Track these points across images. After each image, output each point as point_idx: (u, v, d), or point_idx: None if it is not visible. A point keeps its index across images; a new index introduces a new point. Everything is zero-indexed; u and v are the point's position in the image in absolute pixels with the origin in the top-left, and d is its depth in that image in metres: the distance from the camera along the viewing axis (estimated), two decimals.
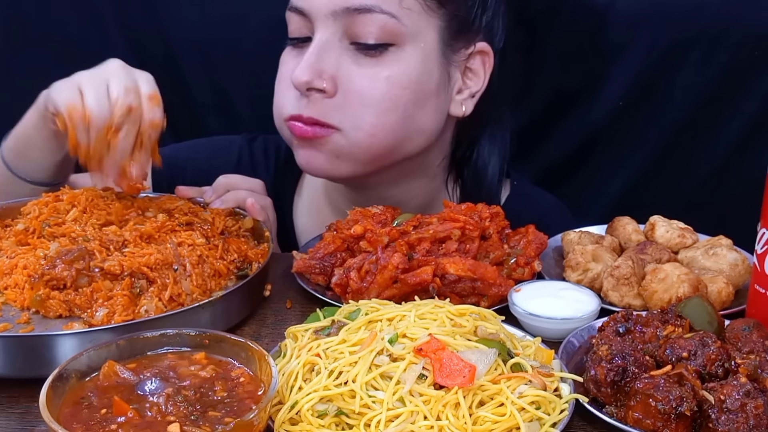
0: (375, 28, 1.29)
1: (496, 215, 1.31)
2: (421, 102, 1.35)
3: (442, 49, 1.36)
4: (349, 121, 1.33)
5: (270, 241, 1.30)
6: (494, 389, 0.93)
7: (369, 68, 1.32)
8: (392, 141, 1.35)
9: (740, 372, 0.95)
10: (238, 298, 1.18)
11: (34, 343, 1.03)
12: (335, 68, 1.32)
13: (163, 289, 1.13)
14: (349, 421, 0.91)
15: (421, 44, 1.33)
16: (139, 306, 1.10)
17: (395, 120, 1.34)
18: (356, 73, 1.32)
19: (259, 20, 1.82)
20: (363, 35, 1.30)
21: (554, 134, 1.82)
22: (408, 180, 1.48)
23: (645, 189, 1.81)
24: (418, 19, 1.32)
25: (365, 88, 1.31)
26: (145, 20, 1.89)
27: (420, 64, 1.33)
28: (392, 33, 1.30)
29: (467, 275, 1.18)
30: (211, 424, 0.83)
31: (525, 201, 1.58)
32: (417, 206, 1.48)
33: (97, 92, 1.19)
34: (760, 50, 1.65)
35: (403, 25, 1.30)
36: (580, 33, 1.73)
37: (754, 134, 1.72)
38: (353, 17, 1.29)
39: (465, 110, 1.42)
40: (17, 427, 0.98)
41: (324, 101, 1.32)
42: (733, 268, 1.25)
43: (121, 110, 1.19)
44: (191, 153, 1.63)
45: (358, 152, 1.35)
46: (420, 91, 1.34)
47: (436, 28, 1.34)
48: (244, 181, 1.42)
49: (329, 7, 1.30)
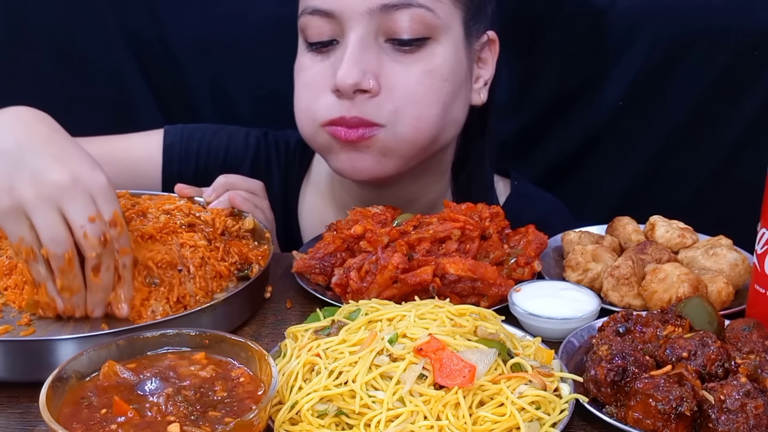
0: (412, 22, 1.30)
1: (496, 215, 1.31)
2: (456, 93, 1.37)
3: (466, 39, 1.38)
4: (394, 116, 1.32)
5: (271, 242, 1.30)
6: (494, 389, 0.93)
7: (409, 64, 1.32)
8: (434, 133, 1.36)
9: (740, 372, 0.95)
10: (240, 300, 1.18)
11: (36, 348, 1.02)
12: (377, 66, 1.31)
13: (171, 290, 1.13)
14: (349, 421, 0.91)
15: (452, 35, 1.35)
16: (147, 307, 1.10)
17: (437, 112, 1.35)
18: (397, 70, 1.32)
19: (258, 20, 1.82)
20: (399, 31, 1.30)
21: (554, 134, 1.83)
22: (425, 176, 1.48)
23: (645, 189, 1.81)
24: (449, 11, 1.34)
25: (410, 83, 1.32)
26: (145, 21, 1.89)
27: (453, 55, 1.35)
28: (428, 26, 1.31)
29: (467, 275, 1.18)
30: (211, 424, 0.83)
31: (525, 201, 1.58)
32: (427, 204, 1.49)
33: (49, 223, 1.01)
34: (760, 50, 1.65)
35: (438, 17, 1.32)
36: (580, 33, 1.73)
37: (754, 134, 1.72)
38: (389, 13, 1.29)
39: (482, 98, 1.44)
40: (17, 427, 0.98)
41: (369, 101, 1.31)
42: (733, 268, 1.25)
43: (94, 248, 1.03)
44: (205, 137, 1.63)
45: (405, 147, 1.35)
46: (456, 82, 1.36)
47: (461, 19, 1.36)
48: (244, 182, 1.42)
49: (365, 6, 1.29)
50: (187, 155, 1.59)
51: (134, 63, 1.92)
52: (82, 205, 1.02)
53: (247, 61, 1.86)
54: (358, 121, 1.31)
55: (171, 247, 1.18)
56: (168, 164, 1.57)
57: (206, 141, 1.61)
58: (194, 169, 1.59)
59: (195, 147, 1.60)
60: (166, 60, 1.91)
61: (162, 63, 1.91)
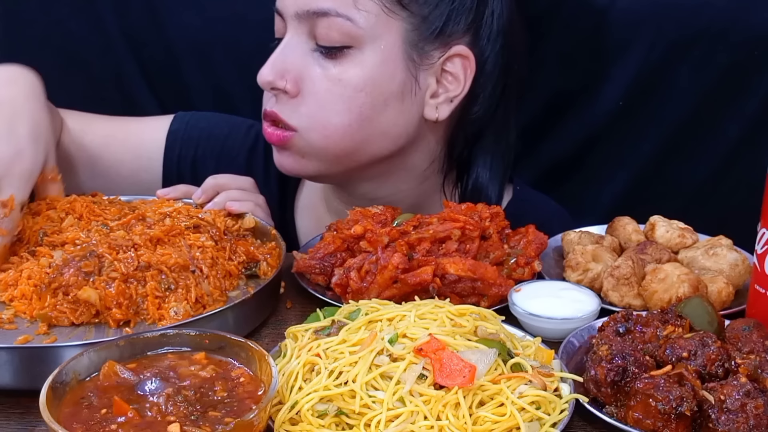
0: (333, 30, 1.31)
1: (496, 215, 1.31)
2: (380, 105, 1.35)
3: (407, 51, 1.35)
4: (305, 122, 1.35)
5: (279, 239, 1.30)
6: (494, 389, 0.93)
7: (329, 70, 1.33)
8: (350, 142, 1.36)
9: (740, 372, 0.95)
10: (264, 297, 1.19)
11: (50, 354, 1.01)
12: (299, 69, 1.34)
13: (188, 292, 1.13)
14: (349, 421, 0.91)
15: (381, 46, 1.33)
16: (167, 308, 1.11)
17: (350, 122, 1.34)
18: (317, 75, 1.33)
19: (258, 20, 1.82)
20: (323, 37, 1.32)
21: (554, 134, 1.82)
22: (392, 181, 1.48)
23: (645, 189, 1.81)
24: (377, 22, 1.32)
25: (322, 89, 1.33)
26: (145, 21, 1.89)
27: (379, 66, 1.33)
28: (349, 35, 1.31)
29: (467, 275, 1.18)
30: (211, 424, 0.83)
31: (526, 206, 1.58)
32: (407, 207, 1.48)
33: None
34: (760, 50, 1.65)
35: (360, 27, 1.31)
36: (580, 33, 1.73)
37: (754, 134, 1.72)
38: (314, 20, 1.31)
39: (439, 114, 1.40)
40: (17, 427, 0.98)
41: (288, 100, 1.35)
42: (734, 268, 1.25)
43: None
44: (209, 125, 1.64)
45: (319, 152, 1.37)
46: (378, 94, 1.34)
47: (400, 30, 1.34)
48: (234, 180, 1.42)
49: (294, 9, 1.33)
50: (189, 142, 1.60)
51: (134, 63, 1.92)
52: None
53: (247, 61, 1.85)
54: (274, 116, 1.36)
55: (181, 249, 1.18)
56: (170, 148, 1.58)
57: (208, 129, 1.62)
58: (193, 156, 1.60)
59: (196, 134, 1.61)
60: (166, 60, 1.91)
61: (162, 63, 1.91)
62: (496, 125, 1.47)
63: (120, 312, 1.10)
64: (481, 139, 1.48)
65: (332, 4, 1.30)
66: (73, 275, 1.11)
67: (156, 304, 1.11)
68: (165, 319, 1.10)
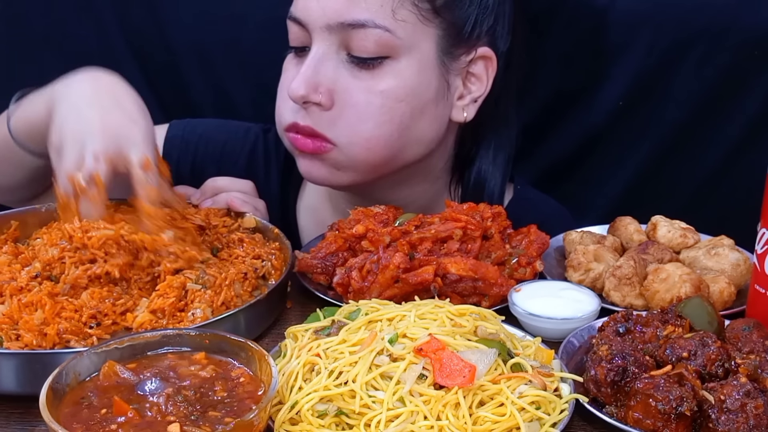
0: (370, 42, 1.29)
1: (498, 215, 1.31)
2: (418, 112, 1.35)
3: (440, 57, 1.35)
4: (345, 135, 1.33)
5: (284, 238, 1.30)
6: (494, 389, 0.93)
7: (365, 81, 1.31)
8: (389, 152, 1.36)
9: (740, 372, 0.95)
10: (276, 296, 1.20)
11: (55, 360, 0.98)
12: (332, 81, 1.32)
13: (218, 293, 1.13)
14: (349, 421, 0.91)
15: (418, 55, 1.32)
16: (188, 310, 1.11)
17: (391, 132, 1.34)
18: (353, 86, 1.31)
19: (258, 21, 1.82)
20: (358, 49, 1.30)
21: (554, 134, 1.82)
22: (410, 184, 1.48)
23: (645, 189, 1.81)
24: (414, 31, 1.31)
25: (361, 101, 1.31)
26: (145, 21, 1.89)
27: (416, 75, 1.33)
28: (387, 46, 1.30)
29: (468, 275, 1.18)
30: (211, 424, 0.83)
31: (527, 205, 1.58)
32: (418, 208, 1.48)
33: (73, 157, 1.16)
34: (760, 50, 1.65)
35: (398, 38, 1.30)
36: (580, 33, 1.73)
37: (754, 134, 1.72)
38: (348, 31, 1.29)
39: (467, 116, 1.41)
40: (17, 427, 0.98)
41: (321, 114, 1.32)
42: (735, 268, 1.25)
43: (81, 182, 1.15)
44: (206, 131, 1.63)
45: (358, 165, 1.36)
46: (417, 102, 1.34)
47: (434, 38, 1.33)
48: (233, 183, 1.42)
49: (324, 21, 1.30)
50: (187, 149, 1.59)
51: (134, 63, 1.92)
52: (99, 143, 1.16)
53: (247, 61, 1.86)
54: (310, 131, 1.34)
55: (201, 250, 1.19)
56: (167, 156, 1.57)
57: (206, 135, 1.61)
58: (192, 162, 1.59)
59: (194, 141, 1.60)
60: (167, 60, 1.90)
61: (162, 63, 1.91)
62: (497, 118, 1.48)
63: None
64: (484, 133, 1.49)
65: (369, 15, 1.28)
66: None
67: (178, 306, 1.11)
68: (183, 323, 1.10)
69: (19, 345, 1.03)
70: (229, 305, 1.13)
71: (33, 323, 1.04)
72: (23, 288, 1.10)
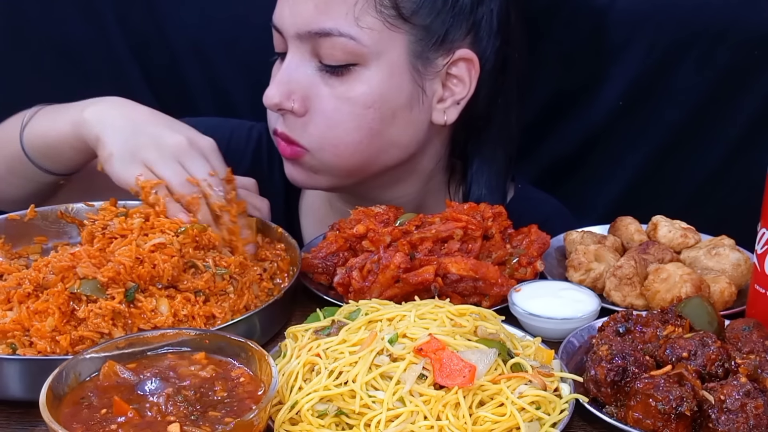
0: (337, 50, 1.30)
1: (499, 215, 1.31)
2: (389, 118, 1.35)
3: (412, 62, 1.34)
4: (315, 141, 1.35)
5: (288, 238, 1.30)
6: (494, 389, 0.93)
7: (336, 88, 1.32)
8: (361, 157, 1.37)
9: (740, 372, 0.95)
10: (288, 297, 1.20)
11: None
12: (305, 88, 1.33)
13: (240, 296, 1.14)
14: (349, 421, 0.91)
15: (387, 61, 1.32)
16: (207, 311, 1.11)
17: (360, 139, 1.34)
18: (324, 93, 1.33)
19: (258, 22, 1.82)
20: (327, 57, 1.31)
21: (554, 134, 1.82)
22: (401, 185, 1.48)
23: (645, 189, 1.81)
24: (381, 38, 1.31)
25: (330, 108, 1.33)
26: (145, 22, 1.89)
27: (386, 81, 1.33)
28: (354, 54, 1.30)
29: (469, 275, 1.18)
30: (211, 424, 0.83)
31: (527, 205, 1.58)
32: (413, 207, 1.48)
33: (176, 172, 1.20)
34: (760, 50, 1.65)
35: (364, 45, 1.30)
36: (580, 33, 1.73)
37: (754, 134, 1.72)
38: (316, 40, 1.30)
39: (447, 118, 1.40)
40: (17, 427, 0.98)
41: (295, 120, 1.35)
42: (736, 268, 1.25)
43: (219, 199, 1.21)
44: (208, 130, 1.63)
45: (331, 169, 1.38)
46: (387, 108, 1.34)
47: (404, 43, 1.33)
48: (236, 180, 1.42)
49: (295, 29, 1.32)
50: None
51: (134, 63, 1.92)
52: (200, 162, 1.22)
53: (247, 61, 1.86)
54: (285, 137, 1.37)
55: None
56: None
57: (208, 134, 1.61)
58: None
59: None
60: (166, 60, 1.90)
61: (162, 63, 1.91)
62: (497, 118, 1.47)
63: None
64: (483, 133, 1.48)
65: (334, 24, 1.29)
66: None
67: (196, 307, 1.11)
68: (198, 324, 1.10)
69: (32, 351, 1.02)
70: (249, 307, 1.14)
71: (45, 330, 1.02)
72: (30, 294, 1.07)
